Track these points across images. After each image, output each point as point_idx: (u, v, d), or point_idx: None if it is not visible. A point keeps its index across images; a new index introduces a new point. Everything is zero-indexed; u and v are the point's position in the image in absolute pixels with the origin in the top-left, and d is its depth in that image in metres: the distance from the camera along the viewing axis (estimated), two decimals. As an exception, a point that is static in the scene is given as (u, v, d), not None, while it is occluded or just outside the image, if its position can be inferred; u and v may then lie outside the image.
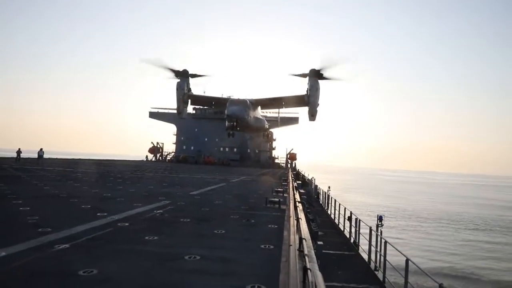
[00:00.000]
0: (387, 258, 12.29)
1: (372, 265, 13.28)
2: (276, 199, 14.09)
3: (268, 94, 23.71)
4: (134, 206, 11.67)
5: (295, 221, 10.03)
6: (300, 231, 8.44)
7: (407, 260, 9.92)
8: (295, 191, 19.77)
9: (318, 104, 22.16)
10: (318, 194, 34.69)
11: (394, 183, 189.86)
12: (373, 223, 17.24)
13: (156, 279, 5.10)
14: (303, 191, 30.78)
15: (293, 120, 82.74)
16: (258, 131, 25.58)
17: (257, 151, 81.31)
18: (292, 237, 8.17)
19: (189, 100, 23.33)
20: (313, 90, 21.95)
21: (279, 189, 19.60)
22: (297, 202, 14.26)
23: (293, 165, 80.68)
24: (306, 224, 11.33)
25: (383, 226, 17.33)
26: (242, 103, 23.08)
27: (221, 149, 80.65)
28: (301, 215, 11.80)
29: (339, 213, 22.02)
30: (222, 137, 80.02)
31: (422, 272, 9.96)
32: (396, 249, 11.21)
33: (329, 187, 32.81)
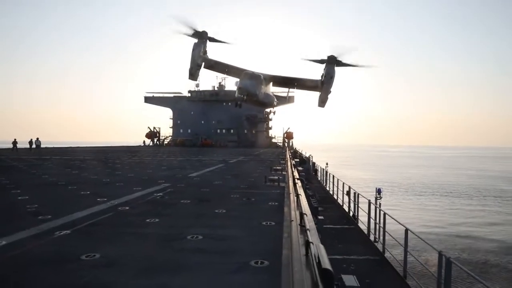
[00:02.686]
0: (386, 229, 12.44)
1: (372, 237, 13.47)
2: (275, 177, 14.14)
3: (282, 73, 23.48)
4: (133, 190, 11.66)
5: (295, 197, 10.08)
6: (301, 206, 8.48)
7: (406, 230, 10.04)
8: (293, 168, 19.84)
9: (330, 92, 22.16)
10: (316, 171, 34.86)
11: (391, 158, 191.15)
12: (371, 197, 17.40)
13: (159, 260, 5.11)
14: (301, 169, 30.91)
15: (289, 100, 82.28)
16: (266, 107, 25.50)
17: (254, 132, 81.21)
18: (293, 212, 8.22)
19: (203, 64, 22.85)
20: (328, 77, 21.72)
21: (277, 168, 19.66)
22: (296, 179, 14.34)
23: (290, 144, 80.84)
24: (306, 200, 11.41)
25: (382, 199, 17.48)
26: (256, 77, 22.64)
27: (218, 131, 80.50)
28: (301, 191, 11.86)
29: (337, 188, 22.18)
30: (219, 119, 79.84)
31: (420, 242, 10.09)
32: (395, 220, 11.33)
33: (326, 164, 32.97)
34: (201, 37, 21.55)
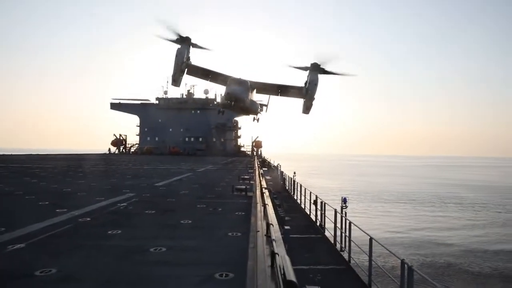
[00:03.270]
0: (352, 238, 12.63)
1: (338, 246, 13.64)
2: (243, 187, 14.08)
3: (265, 79, 23.45)
4: (96, 200, 11.26)
5: (262, 207, 10.07)
6: (267, 217, 8.47)
7: (370, 239, 10.24)
8: (261, 178, 19.85)
9: (314, 99, 22.53)
10: (284, 180, 35.10)
11: (359, 167, 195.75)
12: (338, 205, 17.67)
13: (120, 273, 4.93)
14: (269, 178, 31.03)
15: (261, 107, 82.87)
16: (249, 114, 25.19)
17: (222, 140, 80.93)
18: (259, 223, 8.18)
19: (186, 70, 22.52)
20: (312, 84, 21.90)
21: (245, 177, 19.59)
22: (263, 189, 14.33)
23: (259, 152, 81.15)
24: (272, 210, 11.41)
25: (348, 208, 17.78)
26: (243, 83, 22.45)
27: (187, 139, 79.60)
28: (268, 201, 11.85)
29: (304, 197, 22.39)
30: (187, 127, 79.02)
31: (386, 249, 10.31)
32: (360, 229, 11.53)
33: (294, 173, 33.26)
34: (185, 43, 21.24)
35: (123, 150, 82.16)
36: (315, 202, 18.74)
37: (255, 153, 79.77)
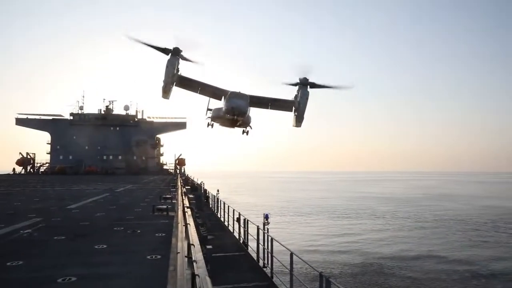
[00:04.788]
0: (275, 253, 12.86)
1: (261, 263, 13.78)
2: (164, 206, 13.63)
3: (254, 93, 22.88)
4: (-7, 228, 10.00)
5: (184, 227, 9.82)
6: (189, 237, 8.29)
7: (291, 254, 10.52)
8: (183, 196, 19.43)
9: (304, 112, 23.12)
10: (207, 198, 34.73)
11: (281, 183, 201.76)
12: (261, 222, 17.95)
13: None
14: (192, 196, 30.45)
15: (181, 125, 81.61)
16: (243, 127, 24.20)
17: (144, 158, 77.85)
18: (180, 244, 7.97)
19: (175, 83, 21.27)
20: (304, 98, 22.42)
21: (167, 196, 19.04)
22: (185, 208, 14.01)
23: (182, 170, 79.51)
24: (195, 230, 11.20)
25: (270, 224, 18.12)
26: (244, 97, 21.45)
27: (104, 157, 75.03)
28: (190, 221, 11.61)
29: (228, 215, 22.35)
30: (105, 145, 74.64)
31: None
32: (282, 245, 11.81)
33: (218, 191, 33.14)
34: (174, 54, 20.23)
35: (31, 170, 74.70)
36: (238, 220, 18.80)
37: (178, 171, 77.93)
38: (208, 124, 26.15)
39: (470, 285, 26.46)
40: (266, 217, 18.20)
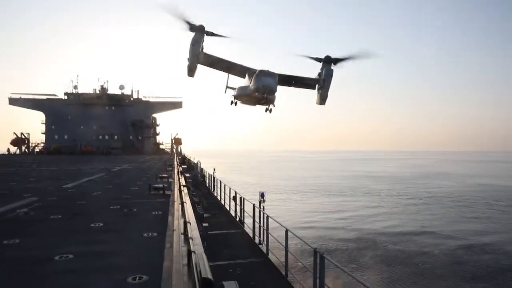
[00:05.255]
0: (270, 231, 13.03)
1: (257, 240, 13.97)
2: (160, 185, 13.67)
3: (277, 70, 22.69)
4: (-11, 207, 10.02)
5: (180, 206, 9.90)
6: (185, 215, 8.35)
7: (286, 231, 10.67)
8: (180, 175, 19.51)
9: (328, 90, 22.93)
10: (204, 177, 34.87)
11: (275, 163, 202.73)
12: (257, 200, 18.14)
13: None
14: (188, 175, 30.60)
15: (177, 105, 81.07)
16: (268, 105, 24.26)
17: (140, 138, 77.62)
18: (176, 222, 8.04)
19: (200, 61, 21.11)
20: (328, 76, 22.40)
21: (163, 175, 19.10)
22: (182, 187, 14.10)
23: (179, 150, 79.52)
24: (191, 208, 11.30)
25: (265, 202, 18.31)
26: (273, 75, 21.56)
27: (100, 137, 74.63)
28: (186, 199, 11.70)
29: (224, 193, 22.51)
30: (101, 125, 74.18)
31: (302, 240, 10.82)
32: (277, 222, 11.96)
33: (214, 170, 33.26)
34: (199, 31, 19.75)
35: (26, 150, 74.36)
36: (235, 198, 18.95)
37: (174, 150, 77.96)
38: (232, 102, 26.12)
39: (462, 259, 27.12)
40: (262, 195, 18.38)
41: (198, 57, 20.49)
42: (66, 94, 76.76)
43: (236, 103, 25.59)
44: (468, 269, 25.31)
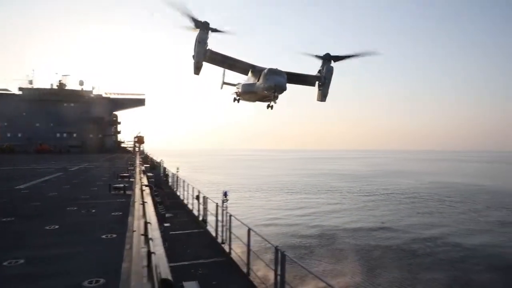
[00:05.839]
0: (233, 230, 13.07)
1: (220, 239, 13.97)
2: (121, 185, 13.35)
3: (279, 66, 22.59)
4: None
5: (141, 206, 9.72)
6: (146, 215, 8.22)
7: (249, 230, 10.75)
8: (142, 174, 19.12)
9: (329, 86, 23.53)
10: (167, 176, 34.33)
11: (241, 161, 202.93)
12: (220, 199, 18.09)
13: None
14: (151, 175, 30.02)
15: (139, 102, 79.17)
16: (272, 101, 24.29)
17: (100, 136, 75.11)
18: (136, 222, 7.89)
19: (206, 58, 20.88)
20: (329, 73, 23.01)
21: (124, 174, 18.65)
22: (143, 186, 13.82)
23: (141, 148, 77.75)
24: (152, 208, 11.11)
25: (228, 201, 18.30)
26: (283, 74, 21.63)
27: (58, 135, 71.48)
28: (148, 199, 11.48)
29: (187, 193, 22.29)
30: (59, 122, 71.02)
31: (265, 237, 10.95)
32: (239, 221, 12.03)
33: (177, 169, 32.83)
34: (203, 28, 19.59)
35: (-27, 148, 69.91)
36: (198, 197, 18.81)
37: (137, 149, 76.14)
38: (235, 99, 26.25)
39: (416, 251, 28.47)
40: (225, 194, 18.36)
41: (203, 55, 20.43)
42: (20, 89, 72.87)
43: (239, 100, 25.78)
44: (421, 260, 26.70)
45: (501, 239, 33.17)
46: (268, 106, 24.66)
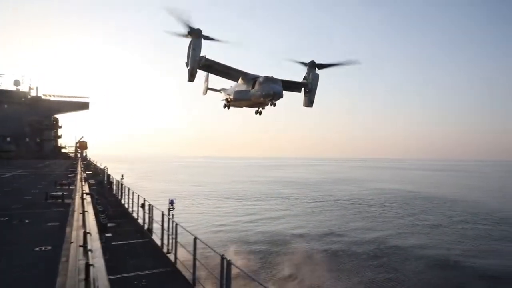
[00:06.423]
0: (179, 239, 12.79)
1: (165, 249, 13.62)
2: (59, 193, 12.68)
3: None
4: None
5: (81, 215, 9.26)
6: (86, 225, 7.86)
7: (195, 239, 10.59)
8: (83, 182, 18.25)
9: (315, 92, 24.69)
10: (111, 183, 32.93)
11: (190, 168, 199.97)
12: (166, 207, 17.70)
13: None
14: (94, 182, 28.69)
15: (83, 106, 75.51)
16: (263, 107, 24.76)
17: (38, 140, 70.40)
18: (75, 233, 7.52)
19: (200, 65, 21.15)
20: (315, 80, 24.09)
21: (64, 182, 17.70)
22: (84, 194, 13.18)
23: (84, 154, 74.00)
24: (93, 217, 10.63)
25: (175, 209, 17.95)
26: (278, 81, 22.02)
27: (-11, 138, 65.95)
28: (89, 208, 10.97)
29: (132, 201, 21.53)
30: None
31: (211, 245, 10.84)
32: (186, 230, 11.82)
33: (122, 176, 31.57)
34: (197, 35, 19.84)
35: None
36: (143, 206, 18.22)
37: (79, 155, 72.30)
38: (225, 106, 26.47)
39: (357, 252, 29.72)
40: (171, 202, 17.99)
41: (198, 62, 20.62)
42: None
43: (229, 107, 26.27)
44: (364, 262, 27.98)
45: (433, 240, 35.74)
46: (257, 112, 25.40)
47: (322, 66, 24.20)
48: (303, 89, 24.94)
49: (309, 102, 24.93)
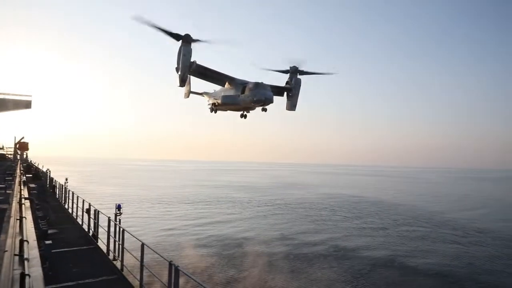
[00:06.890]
0: (127, 245, 12.42)
1: (111, 256, 13.14)
2: (-6, 198, 11.81)
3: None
4: None
5: (18, 222, 8.74)
6: (23, 232, 7.45)
7: (142, 245, 10.34)
8: (22, 186, 17.19)
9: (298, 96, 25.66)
10: (54, 187, 31.16)
11: (137, 172, 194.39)
12: (114, 212, 17.07)
13: None
14: (34, 186, 27.01)
15: (24, 104, 70.83)
16: (248, 111, 25.84)
17: (-29, 140, 65.10)
18: (10, 240, 7.11)
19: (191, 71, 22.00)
20: (297, 85, 24.92)
21: (0, 186, 16.55)
22: (23, 199, 12.43)
23: (24, 156, 69.48)
24: (32, 223, 10.07)
25: (122, 215, 17.38)
26: (268, 87, 22.74)
27: None
28: (27, 214, 10.37)
29: (77, 206, 20.55)
30: None
31: (159, 251, 10.63)
32: (133, 236, 11.51)
33: (66, 179, 30.02)
34: (186, 41, 20.08)
35: None
36: (88, 211, 17.46)
37: (18, 156, 67.75)
38: (212, 110, 26.90)
39: (306, 254, 30.47)
40: (119, 207, 17.41)
41: (189, 68, 20.83)
42: None
43: (216, 111, 26.79)
44: (311, 263, 28.75)
45: (379, 240, 37.54)
46: (242, 115, 25.88)
47: (302, 73, 25.36)
48: (285, 93, 25.93)
49: (291, 106, 26.17)
